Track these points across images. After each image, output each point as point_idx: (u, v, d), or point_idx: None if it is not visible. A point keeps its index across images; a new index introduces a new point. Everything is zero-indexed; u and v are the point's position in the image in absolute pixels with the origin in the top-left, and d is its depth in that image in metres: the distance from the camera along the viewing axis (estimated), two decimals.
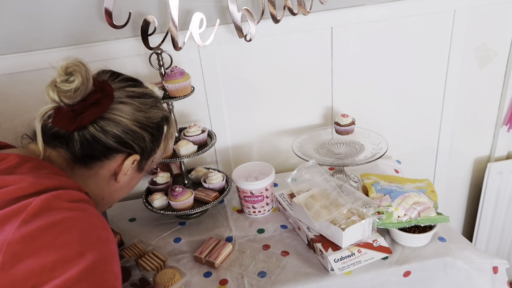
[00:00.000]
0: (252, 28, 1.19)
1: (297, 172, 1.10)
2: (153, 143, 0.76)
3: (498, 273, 0.99)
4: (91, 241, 0.56)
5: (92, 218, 0.58)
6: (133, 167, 0.75)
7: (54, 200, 0.55)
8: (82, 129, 0.67)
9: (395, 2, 1.28)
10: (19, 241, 0.50)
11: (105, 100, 0.67)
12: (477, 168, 1.66)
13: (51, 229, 0.53)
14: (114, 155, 0.71)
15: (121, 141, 0.70)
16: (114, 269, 0.58)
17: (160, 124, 0.77)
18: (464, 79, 1.45)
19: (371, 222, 0.97)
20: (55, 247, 0.52)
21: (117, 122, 0.68)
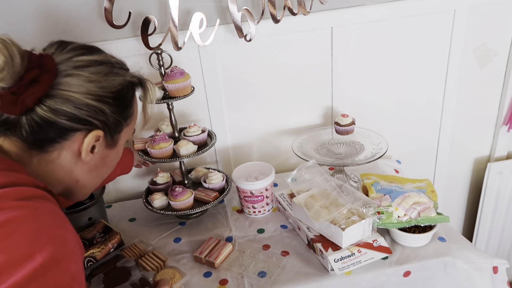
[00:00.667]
0: (252, 28, 1.19)
1: (297, 172, 1.10)
2: (117, 114, 0.67)
3: (498, 273, 0.99)
4: (40, 241, 0.51)
5: (43, 216, 0.53)
6: (101, 143, 0.67)
7: (1, 199, 0.52)
8: (30, 111, 0.60)
9: (395, 2, 1.28)
10: None
11: (45, 76, 0.60)
12: (477, 168, 1.66)
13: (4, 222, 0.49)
14: (71, 134, 0.63)
15: (75, 118, 0.62)
16: (71, 269, 0.54)
17: (123, 92, 0.67)
18: (464, 79, 1.45)
19: (371, 222, 0.97)
20: (1, 250, 0.49)
21: (66, 98, 0.61)
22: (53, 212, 0.56)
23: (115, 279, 0.93)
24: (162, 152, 1.11)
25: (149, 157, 1.14)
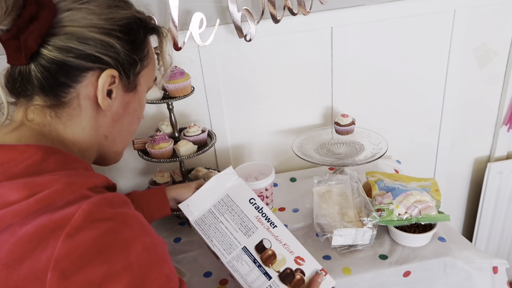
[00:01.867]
0: (252, 28, 1.19)
1: None
2: (129, 50, 0.62)
3: (498, 273, 0.99)
4: (136, 251, 0.51)
5: (133, 226, 0.53)
6: (118, 87, 0.62)
7: (97, 210, 0.50)
8: (36, 56, 0.56)
9: (395, 2, 1.28)
10: (65, 257, 0.47)
11: (44, 12, 0.55)
12: (477, 168, 1.66)
13: (96, 243, 0.49)
14: (83, 75, 0.59)
15: (82, 54, 0.57)
16: (165, 271, 0.55)
17: (132, 26, 0.62)
18: (464, 79, 1.45)
19: (368, 233, 0.98)
20: (101, 261, 0.49)
21: (69, 33, 0.56)
22: (138, 219, 0.55)
23: None
24: (162, 152, 1.11)
25: (149, 157, 1.14)
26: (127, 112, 0.67)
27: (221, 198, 0.89)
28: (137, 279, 0.50)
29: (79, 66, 0.58)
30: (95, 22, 0.58)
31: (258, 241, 0.85)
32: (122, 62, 0.61)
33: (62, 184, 0.51)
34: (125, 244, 0.51)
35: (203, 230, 0.86)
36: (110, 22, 0.59)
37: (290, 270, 0.83)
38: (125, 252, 0.50)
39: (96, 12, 0.59)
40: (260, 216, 0.88)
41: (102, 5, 0.60)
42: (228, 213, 0.88)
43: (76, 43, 0.57)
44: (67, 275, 0.47)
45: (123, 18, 0.61)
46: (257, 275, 0.82)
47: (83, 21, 0.57)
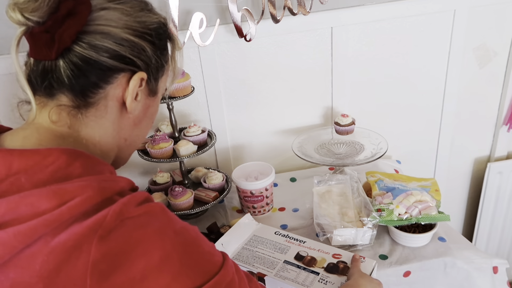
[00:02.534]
0: (252, 28, 1.19)
1: None
2: (158, 55, 0.62)
3: (498, 273, 0.99)
4: (169, 239, 0.51)
5: (160, 216, 0.53)
6: (143, 91, 0.62)
7: (126, 209, 0.50)
8: (67, 52, 0.54)
9: (395, 2, 1.28)
10: (101, 260, 0.46)
11: (81, 8, 0.54)
12: (477, 168, 1.66)
13: (129, 240, 0.49)
14: (115, 76, 0.58)
15: (117, 55, 0.56)
16: (205, 248, 0.55)
17: (160, 31, 0.63)
18: (464, 79, 1.45)
19: (368, 233, 0.98)
20: (138, 257, 0.48)
21: (105, 33, 0.55)
22: (163, 209, 0.55)
23: None
24: (162, 152, 1.11)
25: (149, 157, 1.14)
26: (146, 116, 0.66)
27: (250, 238, 1.01)
28: (179, 264, 0.50)
29: (112, 66, 0.57)
30: (130, 24, 0.58)
31: (295, 253, 0.94)
32: (151, 66, 0.61)
33: (93, 190, 0.50)
34: (157, 235, 0.50)
35: (242, 261, 0.94)
36: (143, 25, 0.59)
37: (333, 263, 0.90)
38: (159, 242, 0.50)
39: (131, 13, 0.58)
40: (289, 239, 0.99)
41: (136, 7, 0.60)
42: (260, 245, 0.98)
43: (112, 43, 0.56)
44: (106, 276, 0.46)
45: (154, 22, 0.61)
46: (306, 275, 0.88)
47: (119, 22, 0.57)
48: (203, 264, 0.53)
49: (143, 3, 0.62)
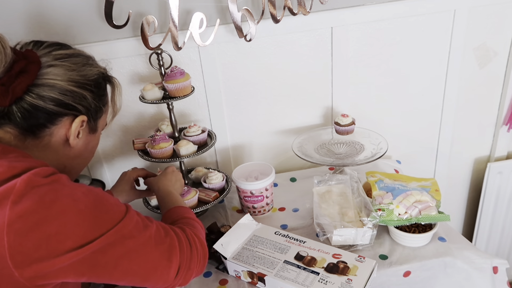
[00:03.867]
0: (252, 28, 1.19)
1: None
2: (97, 100, 0.76)
3: (498, 273, 0.99)
4: (79, 198, 0.62)
5: (68, 183, 0.63)
6: (84, 129, 0.75)
7: (34, 178, 0.59)
8: (19, 101, 0.66)
9: (395, 2, 1.28)
10: (16, 220, 0.56)
11: (32, 67, 0.67)
12: (477, 168, 1.66)
13: (42, 203, 0.58)
14: (59, 119, 0.71)
15: (61, 103, 0.69)
16: (111, 201, 0.67)
17: (99, 81, 0.76)
18: (464, 79, 1.45)
19: (368, 233, 0.98)
20: (53, 217, 0.58)
21: (52, 86, 0.68)
22: (68, 179, 0.65)
23: None
24: (162, 152, 1.11)
25: (149, 157, 1.14)
26: (87, 150, 0.80)
27: (250, 238, 1.02)
28: (91, 217, 0.62)
29: (58, 112, 0.69)
30: (73, 77, 0.71)
31: (295, 253, 0.95)
32: (91, 110, 0.75)
33: (3, 167, 0.59)
34: (68, 197, 0.61)
35: (242, 261, 0.94)
36: (84, 78, 0.73)
37: (333, 263, 0.91)
38: (70, 202, 0.60)
39: (74, 69, 0.71)
40: (289, 239, 1.00)
41: (79, 63, 0.73)
42: (260, 245, 0.99)
43: (57, 93, 0.68)
44: (23, 234, 0.56)
45: (93, 74, 0.75)
46: (306, 275, 0.89)
47: (63, 76, 0.69)
48: (111, 213, 0.65)
49: (85, 58, 0.76)
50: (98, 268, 0.62)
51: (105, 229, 0.62)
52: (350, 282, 0.85)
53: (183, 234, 0.76)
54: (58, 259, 0.58)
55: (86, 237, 0.60)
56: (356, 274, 0.87)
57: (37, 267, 0.57)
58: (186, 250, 0.74)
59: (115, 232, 0.63)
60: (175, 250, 0.72)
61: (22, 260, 0.56)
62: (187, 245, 0.75)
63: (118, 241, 0.64)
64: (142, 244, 0.67)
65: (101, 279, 0.64)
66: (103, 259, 0.62)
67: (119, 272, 0.65)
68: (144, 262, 0.67)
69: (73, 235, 0.59)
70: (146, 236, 0.68)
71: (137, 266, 0.67)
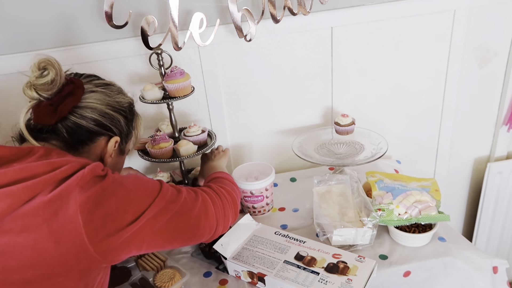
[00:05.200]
0: (252, 28, 1.19)
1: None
2: (128, 125, 0.86)
3: (498, 273, 0.99)
4: (126, 181, 0.73)
5: (115, 174, 0.74)
6: (116, 150, 0.84)
7: (95, 169, 0.70)
8: (63, 120, 0.76)
9: (396, 2, 1.28)
10: (86, 201, 0.66)
11: (78, 90, 0.77)
12: (477, 168, 1.66)
13: (102, 187, 0.69)
14: (97, 138, 0.80)
15: (100, 124, 0.79)
16: (146, 179, 0.79)
17: (130, 108, 0.87)
18: (464, 79, 1.45)
19: (368, 233, 0.98)
20: (109, 196, 0.69)
21: (93, 108, 0.78)
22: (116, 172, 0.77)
23: (115, 279, 0.94)
24: (162, 152, 1.11)
25: (149, 157, 1.14)
26: (116, 168, 0.89)
27: (250, 238, 1.02)
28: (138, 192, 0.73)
29: (97, 131, 0.79)
30: (110, 102, 0.81)
31: (295, 253, 0.95)
32: (123, 132, 0.85)
33: (74, 162, 0.69)
34: (117, 181, 0.72)
35: (243, 261, 0.94)
36: (119, 104, 0.83)
37: (333, 263, 0.91)
38: (119, 185, 0.72)
39: (111, 95, 0.82)
40: (289, 239, 1.00)
41: (115, 91, 0.84)
42: (260, 245, 0.99)
43: (97, 115, 0.79)
44: (92, 211, 0.66)
45: (126, 102, 0.86)
46: (306, 275, 0.89)
47: (103, 101, 0.80)
48: (151, 186, 0.76)
49: (119, 88, 0.86)
50: (154, 233, 0.73)
51: (151, 199, 0.74)
52: (350, 282, 0.85)
53: (209, 189, 0.89)
54: (122, 232, 0.68)
55: (140, 209, 0.71)
56: (356, 274, 0.87)
57: (107, 241, 0.67)
58: (218, 201, 0.87)
59: (160, 200, 0.74)
60: (208, 203, 0.84)
61: (95, 235, 0.65)
62: (216, 197, 0.88)
63: (164, 206, 0.75)
64: (182, 205, 0.78)
65: (157, 244, 0.75)
66: (156, 224, 0.73)
67: (170, 232, 0.76)
68: (188, 219, 0.79)
69: (130, 208, 0.70)
70: (182, 198, 0.79)
71: (183, 224, 0.78)
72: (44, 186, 0.65)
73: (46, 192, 0.64)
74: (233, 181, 1.02)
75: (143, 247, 0.73)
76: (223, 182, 0.98)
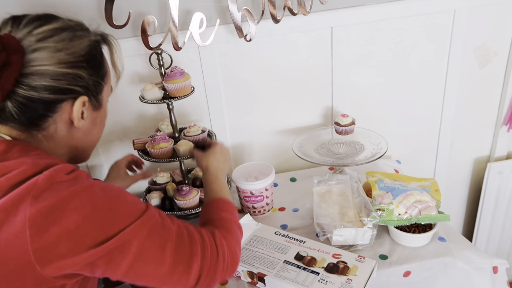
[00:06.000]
0: (252, 28, 1.19)
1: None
2: (95, 76, 0.69)
3: (498, 273, 0.99)
4: (97, 194, 0.60)
5: (86, 179, 0.62)
6: (88, 108, 0.70)
7: (56, 174, 0.59)
8: (11, 95, 0.62)
9: (395, 2, 1.28)
10: (37, 215, 0.55)
11: (14, 57, 0.60)
12: (477, 168, 1.66)
13: (61, 198, 0.57)
14: (58, 106, 0.65)
15: (56, 89, 0.63)
16: (128, 199, 0.64)
17: (92, 53, 0.69)
18: (464, 79, 1.45)
19: (368, 233, 0.98)
20: (71, 211, 0.57)
21: (41, 73, 0.62)
22: (88, 175, 0.65)
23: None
24: (162, 152, 1.11)
25: (149, 157, 1.14)
26: (96, 125, 0.75)
27: (250, 238, 1.02)
28: (108, 212, 0.60)
29: (54, 99, 0.64)
30: (62, 58, 0.64)
31: (295, 253, 0.95)
32: (90, 87, 0.69)
33: (28, 165, 0.59)
34: (86, 192, 0.59)
35: (242, 261, 0.94)
36: (75, 56, 0.65)
37: (333, 263, 0.91)
38: (88, 197, 0.59)
39: (61, 48, 0.64)
40: (289, 239, 1.00)
41: (65, 40, 0.65)
42: (260, 245, 0.99)
43: (50, 80, 0.63)
44: (44, 228, 0.55)
45: (84, 47, 0.67)
46: (306, 275, 0.89)
47: (51, 60, 0.63)
48: (129, 209, 0.63)
49: (71, 30, 0.67)
50: (114, 265, 0.61)
51: (123, 226, 0.60)
52: (350, 282, 0.85)
53: (210, 239, 0.71)
54: (79, 257, 0.57)
55: (104, 234, 0.59)
56: (356, 274, 0.87)
57: (59, 264, 0.57)
58: (211, 258, 0.69)
59: (133, 230, 0.61)
60: (196, 257, 0.67)
61: (44, 255, 0.56)
62: (213, 252, 0.70)
63: (136, 240, 0.61)
64: (159, 246, 0.64)
65: (115, 277, 0.63)
66: (119, 257, 0.60)
67: (134, 272, 0.62)
68: (160, 265, 0.64)
69: (92, 231, 0.58)
70: (164, 237, 0.64)
71: (152, 268, 0.63)
72: None
73: None
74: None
75: (96, 274, 0.61)
76: (229, 230, 0.78)
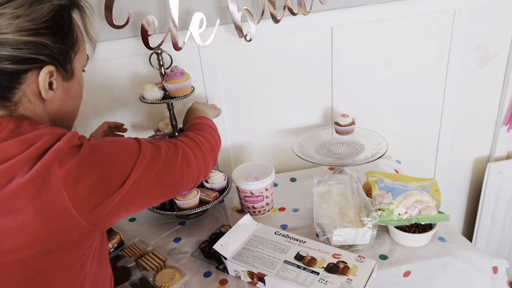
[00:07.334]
0: (252, 28, 1.19)
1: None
2: (60, 43, 0.65)
3: (498, 273, 0.99)
4: (103, 146, 0.67)
5: (91, 141, 0.67)
6: (57, 78, 0.67)
7: (72, 139, 0.63)
8: None
9: (395, 2, 1.28)
10: (67, 175, 0.60)
11: None
12: (477, 168, 1.66)
13: (81, 156, 0.62)
14: (23, 76, 0.63)
15: (19, 59, 0.60)
16: (123, 139, 0.72)
17: (56, 18, 0.64)
18: (464, 79, 1.45)
19: (369, 233, 0.98)
20: (92, 165, 0.63)
21: (0, 43, 0.59)
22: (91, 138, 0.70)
23: (115, 279, 0.93)
24: None
25: None
26: (70, 96, 0.73)
27: (250, 238, 1.02)
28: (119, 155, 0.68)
29: (18, 70, 0.62)
30: (22, 25, 0.60)
31: (295, 253, 0.95)
32: (56, 56, 0.65)
33: (48, 136, 0.62)
34: (95, 148, 0.65)
35: (242, 261, 0.94)
36: (35, 22, 0.61)
37: (333, 263, 0.91)
38: (98, 151, 0.65)
39: (20, 14, 0.60)
40: (289, 239, 1.00)
41: (23, 4, 0.60)
42: (260, 245, 0.99)
43: (10, 49, 0.59)
44: (75, 184, 0.61)
45: (46, 13, 0.63)
46: (306, 275, 0.89)
47: (10, 27, 0.59)
48: (130, 146, 0.70)
49: None
50: (141, 193, 0.69)
51: (133, 160, 0.69)
52: (350, 282, 0.85)
53: (188, 139, 0.85)
54: (110, 199, 0.64)
55: (124, 172, 0.67)
56: (356, 274, 0.87)
57: (96, 210, 0.63)
58: (197, 151, 0.84)
59: (142, 160, 0.70)
60: (189, 155, 0.81)
61: (83, 207, 0.61)
62: (196, 146, 0.84)
63: (147, 165, 0.70)
64: (164, 161, 0.74)
65: (145, 203, 0.72)
66: (142, 185, 0.69)
67: (157, 190, 0.73)
68: (171, 173, 0.76)
69: (113, 174, 0.65)
70: (163, 154, 0.75)
71: (168, 180, 0.75)
72: (21, 166, 0.59)
73: (23, 172, 0.58)
74: (213, 126, 0.98)
75: (132, 209, 0.70)
76: (202, 129, 0.93)
